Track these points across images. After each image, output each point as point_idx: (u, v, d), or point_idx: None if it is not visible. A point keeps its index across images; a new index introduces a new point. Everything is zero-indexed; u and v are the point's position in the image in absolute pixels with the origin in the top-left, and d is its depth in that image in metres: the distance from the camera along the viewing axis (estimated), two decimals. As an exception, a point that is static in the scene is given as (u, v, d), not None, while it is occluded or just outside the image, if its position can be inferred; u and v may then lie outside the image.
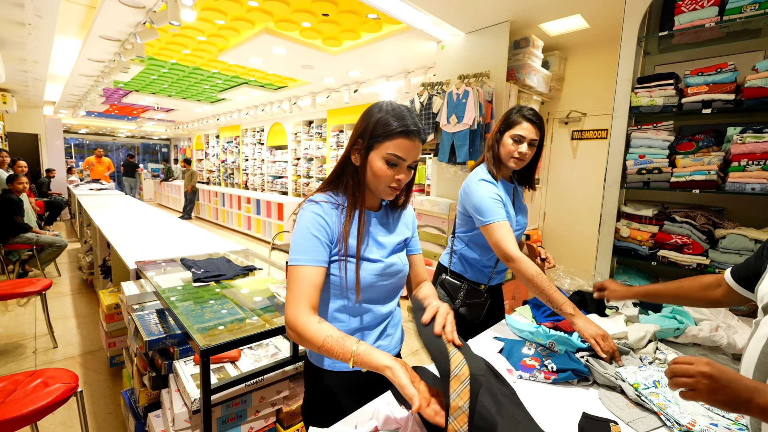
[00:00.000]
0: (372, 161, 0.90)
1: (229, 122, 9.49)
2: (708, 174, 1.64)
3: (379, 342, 1.00)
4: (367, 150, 0.90)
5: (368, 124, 0.89)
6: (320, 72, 4.86)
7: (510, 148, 1.35)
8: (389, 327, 1.03)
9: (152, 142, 17.04)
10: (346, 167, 0.95)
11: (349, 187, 0.93)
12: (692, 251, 1.71)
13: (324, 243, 0.87)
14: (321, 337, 0.76)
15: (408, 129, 0.87)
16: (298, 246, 0.86)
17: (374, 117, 0.89)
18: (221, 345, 1.20)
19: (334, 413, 0.94)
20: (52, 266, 4.81)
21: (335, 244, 0.90)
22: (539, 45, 3.06)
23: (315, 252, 0.85)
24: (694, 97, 1.67)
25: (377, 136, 0.88)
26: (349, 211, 0.91)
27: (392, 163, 0.89)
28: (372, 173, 0.90)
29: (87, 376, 2.57)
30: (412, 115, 0.91)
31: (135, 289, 1.96)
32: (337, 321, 0.95)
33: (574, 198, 3.49)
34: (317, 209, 0.89)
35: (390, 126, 0.87)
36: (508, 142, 1.35)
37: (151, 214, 4.10)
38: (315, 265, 0.85)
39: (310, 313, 0.80)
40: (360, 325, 0.96)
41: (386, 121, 0.88)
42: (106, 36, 3.77)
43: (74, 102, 7.82)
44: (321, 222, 0.87)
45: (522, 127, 1.33)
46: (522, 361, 1.15)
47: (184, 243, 2.67)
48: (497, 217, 1.30)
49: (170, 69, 5.39)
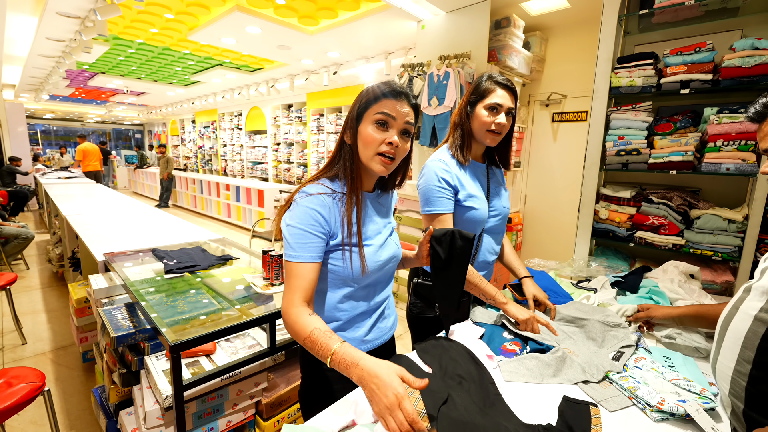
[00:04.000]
0: (362, 131, 0.88)
1: (205, 106, 9.13)
2: (685, 155, 1.65)
3: (378, 324, 1.02)
4: (356, 123, 0.88)
5: (358, 102, 0.89)
6: (298, 53, 4.68)
7: (485, 119, 1.18)
8: (386, 309, 1.06)
9: (125, 127, 16.34)
10: (342, 149, 0.92)
11: (347, 170, 0.91)
12: (668, 232, 1.74)
13: (319, 237, 0.85)
14: (308, 329, 0.77)
15: (394, 90, 0.86)
16: (292, 241, 0.84)
17: (363, 93, 0.89)
18: (192, 340, 1.15)
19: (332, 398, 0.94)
20: (20, 259, 4.58)
21: (334, 235, 0.88)
22: (520, 25, 3.01)
23: (308, 248, 0.84)
24: (672, 77, 1.66)
25: (365, 105, 0.87)
26: (350, 197, 0.90)
27: (381, 123, 0.86)
28: (362, 144, 0.88)
29: (59, 373, 2.48)
30: (398, 83, 0.92)
31: (103, 282, 1.87)
32: (339, 311, 0.94)
33: (555, 180, 3.51)
34: (310, 202, 0.85)
35: (376, 92, 0.87)
36: (482, 114, 1.18)
37: (124, 203, 3.93)
38: (309, 262, 0.84)
39: (302, 305, 0.81)
40: (362, 311, 0.97)
41: (373, 89, 0.88)
42: (64, 12, 3.51)
43: (36, 85, 7.36)
44: (315, 216, 0.85)
45: (497, 94, 1.17)
46: (503, 345, 1.14)
47: (158, 233, 2.57)
48: (440, 207, 1.19)
49: (138, 49, 5.09)
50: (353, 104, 0.90)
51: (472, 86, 1.23)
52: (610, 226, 1.91)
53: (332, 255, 0.90)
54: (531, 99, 3.54)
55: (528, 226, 3.74)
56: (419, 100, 3.02)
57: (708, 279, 1.66)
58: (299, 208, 0.85)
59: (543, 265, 1.81)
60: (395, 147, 0.87)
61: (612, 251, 2.02)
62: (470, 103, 1.22)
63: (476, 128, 1.21)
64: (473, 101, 1.21)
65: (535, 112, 3.56)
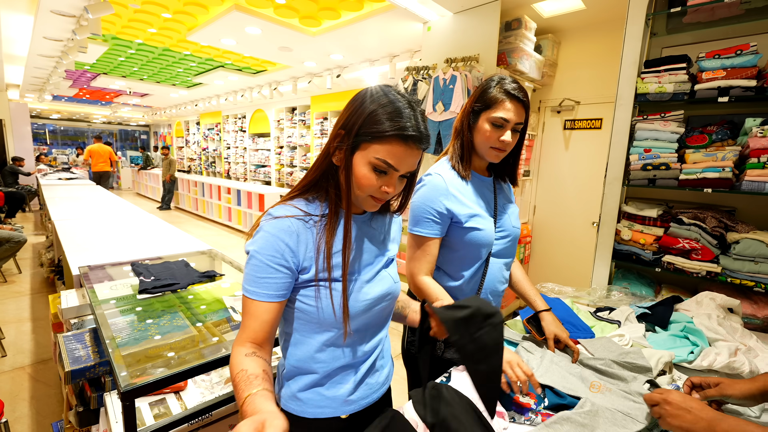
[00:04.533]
0: (355, 164, 0.70)
1: (209, 108, 9.06)
2: (722, 171, 1.46)
3: (367, 380, 0.83)
4: (352, 149, 0.69)
5: (356, 116, 0.69)
6: (300, 55, 4.54)
7: (489, 134, 1.01)
8: (378, 360, 0.85)
9: (131, 128, 16.37)
10: (327, 169, 0.74)
11: (330, 194, 0.75)
12: (701, 257, 1.54)
13: (280, 272, 0.69)
14: (236, 370, 0.64)
15: (405, 133, 0.67)
16: (251, 275, 0.70)
17: (364, 108, 0.69)
18: (151, 384, 0.98)
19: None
20: (12, 263, 4.47)
21: (306, 268, 0.71)
22: (532, 27, 2.84)
23: (266, 284, 0.69)
24: (709, 83, 1.47)
25: (365, 134, 0.68)
26: (331, 223, 0.72)
27: (380, 170, 0.69)
28: (354, 178, 0.70)
29: (35, 390, 2.32)
30: (415, 113, 0.70)
31: (75, 300, 1.72)
32: (315, 362, 0.76)
33: (566, 191, 3.31)
34: (274, 228, 0.69)
35: (382, 125, 0.67)
36: (485, 128, 1.02)
37: (120, 207, 3.81)
38: (265, 301, 0.69)
39: (244, 344, 0.69)
40: (345, 364, 0.79)
41: (378, 117, 0.68)
42: (58, 11, 3.40)
43: (39, 85, 7.31)
44: (277, 246, 0.69)
45: (506, 107, 0.99)
46: (515, 397, 0.96)
47: (147, 242, 2.42)
48: (426, 230, 1.06)
49: (138, 50, 4.99)
50: (349, 114, 0.71)
51: (479, 90, 1.04)
52: (633, 248, 1.72)
53: (303, 292, 0.73)
54: (542, 105, 3.36)
55: (537, 238, 3.55)
56: (424, 105, 2.85)
57: (748, 312, 1.47)
58: (261, 235, 0.70)
59: (558, 291, 1.62)
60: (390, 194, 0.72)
61: (635, 276, 1.82)
62: (473, 112, 1.05)
63: (478, 142, 1.05)
64: (477, 110, 1.04)
65: (546, 118, 3.38)
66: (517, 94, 0.99)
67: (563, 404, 0.93)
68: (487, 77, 1.07)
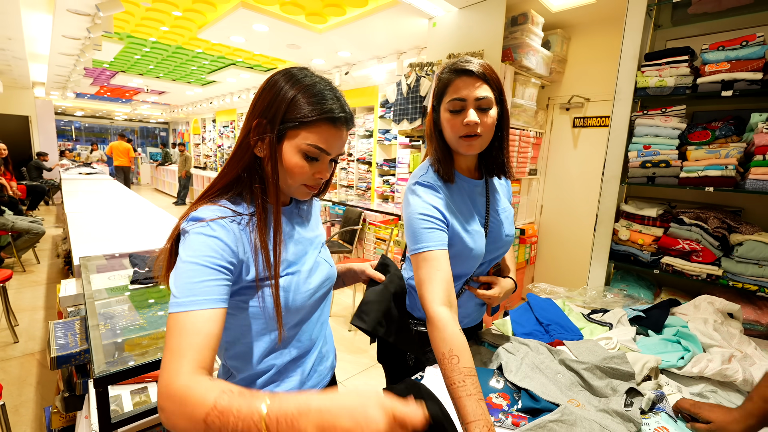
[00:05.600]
0: (285, 154, 0.67)
1: (223, 106, 9.21)
2: (725, 169, 1.38)
3: (317, 367, 0.81)
4: (278, 138, 0.66)
5: (276, 103, 0.66)
6: (308, 52, 4.56)
7: (451, 123, 0.87)
8: (323, 347, 0.84)
9: (151, 125, 16.81)
10: (249, 163, 0.69)
11: (255, 190, 0.69)
12: (702, 259, 1.47)
13: (222, 273, 0.60)
14: (210, 398, 0.47)
15: (333, 115, 0.66)
16: (185, 284, 0.57)
17: (285, 94, 0.66)
18: (124, 371, 1.00)
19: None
20: (31, 253, 4.65)
21: (245, 270, 0.66)
22: (539, 22, 2.77)
23: (208, 289, 0.58)
24: (712, 76, 1.39)
25: (290, 121, 0.65)
26: (262, 219, 0.68)
27: (312, 157, 0.67)
28: (284, 168, 0.67)
29: (42, 375, 2.41)
30: (336, 93, 0.69)
31: (73, 289, 1.77)
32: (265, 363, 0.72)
33: (574, 191, 3.23)
34: (209, 230, 0.62)
35: (308, 109, 0.65)
36: (446, 117, 0.88)
37: (133, 201, 3.91)
38: (209, 308, 0.57)
39: (196, 373, 0.52)
40: (294, 356, 0.76)
41: (301, 102, 0.65)
42: (74, 9, 3.51)
43: (62, 83, 7.58)
44: (217, 246, 0.61)
45: (456, 85, 0.85)
46: (487, 398, 0.93)
47: (153, 234, 2.48)
48: (428, 243, 0.85)
49: (152, 48, 5.12)
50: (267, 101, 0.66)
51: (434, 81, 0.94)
52: (631, 249, 1.65)
53: (242, 297, 0.67)
54: (550, 102, 3.28)
55: (543, 239, 3.47)
56: (426, 102, 2.82)
57: (751, 318, 1.39)
58: (192, 239, 0.61)
59: (550, 291, 1.57)
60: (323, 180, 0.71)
61: (633, 277, 1.75)
62: (434, 108, 0.93)
63: (448, 136, 0.90)
64: (436, 104, 0.92)
65: (554, 116, 3.29)
66: (466, 67, 0.84)
67: (536, 408, 0.89)
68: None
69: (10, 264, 4.33)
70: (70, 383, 1.31)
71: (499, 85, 0.88)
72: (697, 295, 1.48)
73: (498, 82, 0.88)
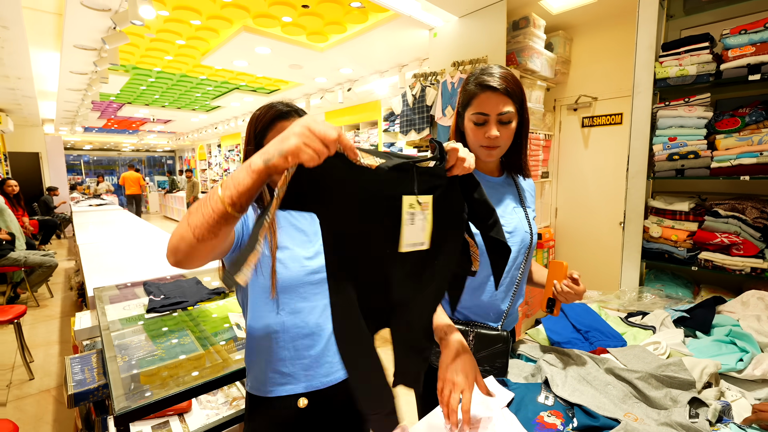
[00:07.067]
0: None
1: (228, 130, 9.34)
2: (760, 156, 1.32)
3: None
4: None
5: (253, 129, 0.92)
6: (310, 71, 4.61)
7: (474, 133, 0.94)
8: None
9: (157, 154, 17.09)
10: None
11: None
12: (743, 252, 1.39)
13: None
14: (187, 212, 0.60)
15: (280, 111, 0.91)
16: None
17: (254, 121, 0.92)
18: (146, 406, 0.94)
19: None
20: (44, 288, 4.64)
21: None
22: (541, 25, 2.76)
23: None
24: (737, 61, 1.34)
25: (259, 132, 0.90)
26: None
27: None
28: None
29: (59, 413, 2.35)
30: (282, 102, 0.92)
31: (88, 321, 1.73)
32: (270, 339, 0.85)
33: (588, 191, 3.16)
34: None
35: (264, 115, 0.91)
36: (470, 127, 0.95)
37: (143, 229, 3.91)
38: None
39: None
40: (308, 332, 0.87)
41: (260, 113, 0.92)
42: (81, 45, 3.59)
43: (70, 118, 7.75)
44: None
45: (481, 99, 0.90)
46: (538, 417, 0.86)
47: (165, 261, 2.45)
48: None
49: (157, 78, 5.21)
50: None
51: (460, 89, 0.99)
52: (665, 246, 1.58)
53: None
54: (557, 104, 3.24)
55: (560, 242, 3.38)
56: (433, 111, 2.79)
57: (804, 312, 1.30)
58: None
59: (584, 295, 1.49)
60: None
61: (668, 276, 1.66)
62: (459, 114, 0.99)
63: (471, 143, 0.97)
64: (461, 111, 0.98)
65: (562, 117, 3.25)
66: (491, 83, 0.89)
67: (595, 426, 0.81)
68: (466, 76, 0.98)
69: (24, 299, 4.33)
70: (89, 421, 1.25)
71: (522, 96, 0.93)
72: (738, 290, 1.40)
73: (520, 94, 0.93)
